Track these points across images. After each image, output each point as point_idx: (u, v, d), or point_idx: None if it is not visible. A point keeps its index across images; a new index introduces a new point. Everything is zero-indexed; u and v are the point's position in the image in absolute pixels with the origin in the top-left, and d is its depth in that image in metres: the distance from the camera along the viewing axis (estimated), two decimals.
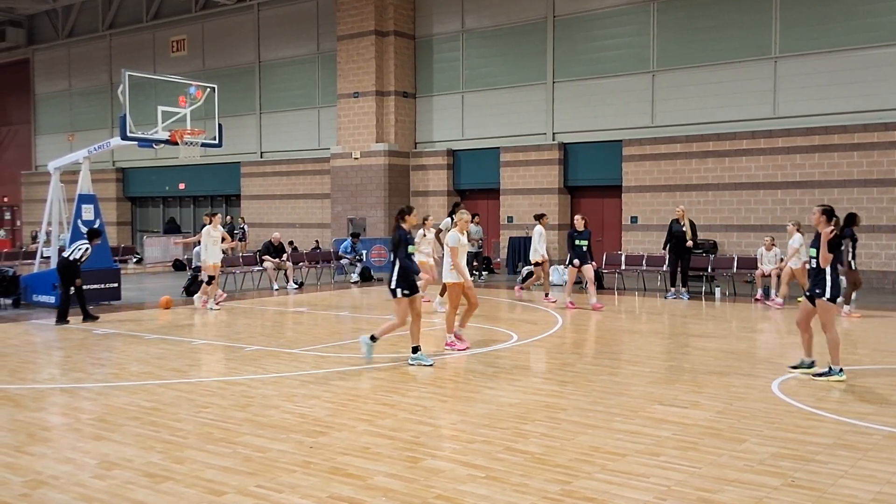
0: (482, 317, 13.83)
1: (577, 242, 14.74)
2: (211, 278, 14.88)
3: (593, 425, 6.56)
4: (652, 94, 21.41)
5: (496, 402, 7.40)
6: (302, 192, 28.06)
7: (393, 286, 9.19)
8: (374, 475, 5.31)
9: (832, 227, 8.22)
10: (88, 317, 13.16)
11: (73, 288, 13.08)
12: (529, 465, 5.54)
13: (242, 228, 27.26)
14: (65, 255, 13.34)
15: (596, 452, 5.80)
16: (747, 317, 13.86)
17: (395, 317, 9.36)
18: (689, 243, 16.29)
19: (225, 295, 16.15)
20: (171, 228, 31.65)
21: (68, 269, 13.11)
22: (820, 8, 19.01)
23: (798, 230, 14.77)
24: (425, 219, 14.88)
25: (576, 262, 14.73)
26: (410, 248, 9.36)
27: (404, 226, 9.38)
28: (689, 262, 16.86)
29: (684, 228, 16.33)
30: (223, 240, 15.29)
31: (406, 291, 9.14)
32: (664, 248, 16.94)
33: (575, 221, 14.92)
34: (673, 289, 16.57)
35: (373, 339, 9.44)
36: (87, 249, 13.37)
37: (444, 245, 10.62)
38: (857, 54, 18.54)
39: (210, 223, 15.05)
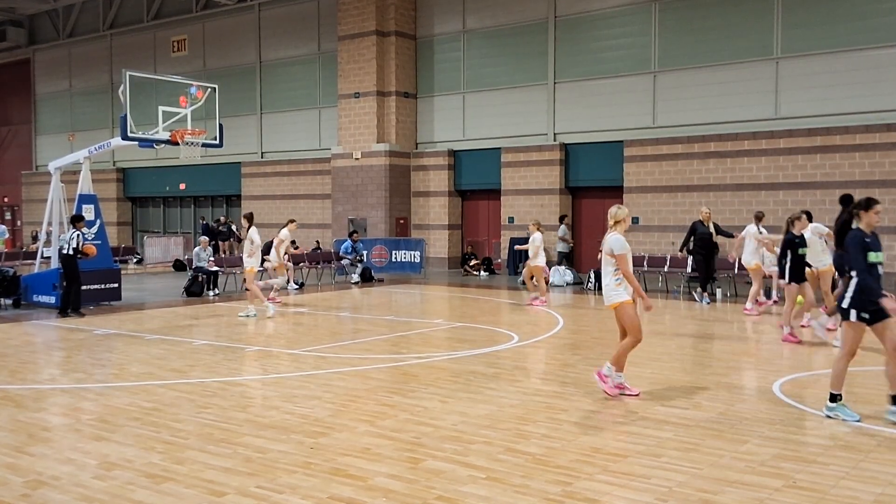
0: (484, 317, 13.83)
1: (799, 251, 10.86)
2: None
3: (594, 426, 6.55)
4: (653, 95, 21.39)
5: (497, 402, 7.39)
6: (303, 193, 28.04)
7: (845, 305, 6.60)
8: (374, 476, 5.30)
9: None
10: (71, 312, 13.73)
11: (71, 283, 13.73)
12: (530, 466, 5.53)
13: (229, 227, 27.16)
14: (63, 251, 13.87)
15: (597, 453, 5.79)
16: (748, 318, 13.83)
17: (841, 345, 6.88)
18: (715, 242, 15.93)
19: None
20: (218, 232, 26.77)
21: (68, 262, 13.61)
22: (822, 9, 18.99)
23: (538, 229, 15.42)
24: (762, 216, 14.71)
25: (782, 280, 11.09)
26: (874, 257, 6.57)
27: (860, 224, 6.73)
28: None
29: (710, 231, 16.00)
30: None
31: (865, 315, 6.50)
32: (682, 251, 16.55)
33: (796, 223, 10.85)
34: (706, 293, 16.05)
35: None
36: (77, 236, 13.80)
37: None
38: (859, 55, 18.52)
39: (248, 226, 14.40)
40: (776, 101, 19.61)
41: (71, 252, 13.67)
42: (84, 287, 15.10)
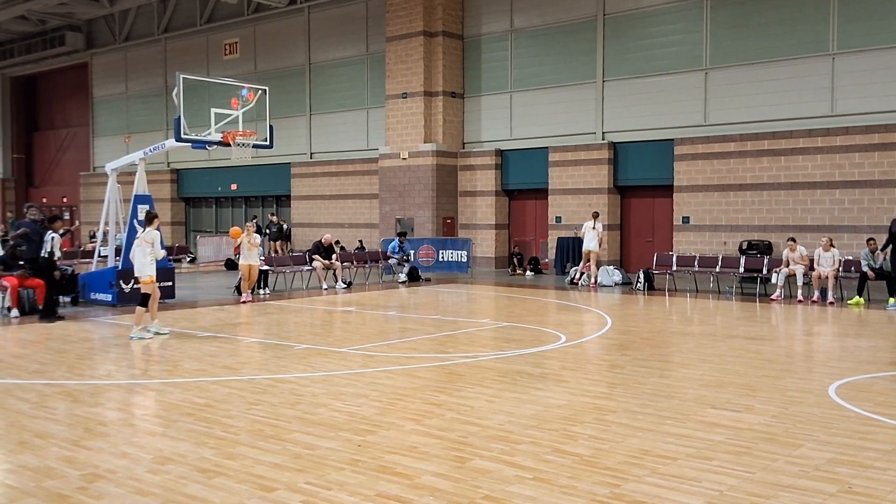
0: (531, 317, 13.78)
1: None
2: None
3: (643, 428, 6.47)
4: (705, 92, 21.04)
5: (544, 403, 7.35)
6: (350, 193, 28.29)
7: None
8: (421, 474, 5.32)
9: None
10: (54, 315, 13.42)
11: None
12: (578, 467, 5.49)
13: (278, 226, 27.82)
14: (42, 254, 13.66)
15: (646, 455, 5.72)
16: (804, 319, 13.53)
17: None
18: None
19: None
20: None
21: (48, 265, 13.54)
22: (879, 3, 18.46)
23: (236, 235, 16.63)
24: None
25: None
26: None
27: None
28: None
29: None
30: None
31: None
32: (883, 250, 15.03)
33: None
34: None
35: None
36: (53, 239, 13.68)
37: None
38: None
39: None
40: (832, 98, 19.12)
41: (47, 255, 13.47)
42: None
